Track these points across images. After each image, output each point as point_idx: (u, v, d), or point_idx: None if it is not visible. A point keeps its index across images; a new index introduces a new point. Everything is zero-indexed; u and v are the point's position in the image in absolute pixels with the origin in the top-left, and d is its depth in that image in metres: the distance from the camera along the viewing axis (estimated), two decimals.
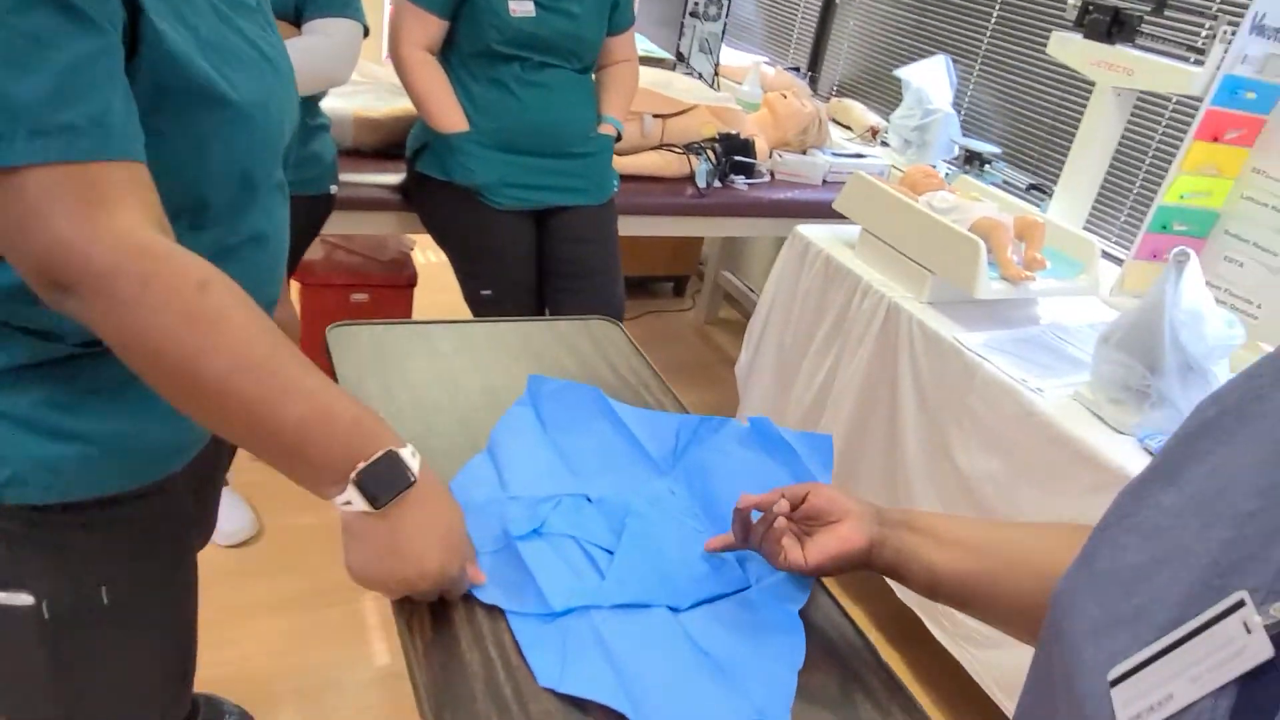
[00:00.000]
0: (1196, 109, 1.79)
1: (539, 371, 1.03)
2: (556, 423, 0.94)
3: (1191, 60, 1.86)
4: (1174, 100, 2.09)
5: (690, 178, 2.30)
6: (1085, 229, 2.09)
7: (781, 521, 0.73)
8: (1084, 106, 2.23)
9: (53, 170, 0.59)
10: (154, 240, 0.63)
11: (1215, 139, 1.80)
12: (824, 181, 2.48)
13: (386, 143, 2.09)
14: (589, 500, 0.84)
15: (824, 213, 2.27)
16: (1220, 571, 0.40)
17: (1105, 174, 2.09)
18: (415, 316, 2.43)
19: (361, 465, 0.64)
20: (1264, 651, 0.37)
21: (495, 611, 0.71)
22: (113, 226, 0.61)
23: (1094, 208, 2.15)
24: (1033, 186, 2.25)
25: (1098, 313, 1.94)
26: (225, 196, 0.77)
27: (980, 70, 2.58)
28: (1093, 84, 2.02)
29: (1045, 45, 2.23)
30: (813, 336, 2.06)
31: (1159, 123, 2.13)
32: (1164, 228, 1.88)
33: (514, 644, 0.68)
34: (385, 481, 0.65)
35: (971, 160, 2.36)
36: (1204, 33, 2.00)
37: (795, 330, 2.12)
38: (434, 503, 0.68)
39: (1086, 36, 1.97)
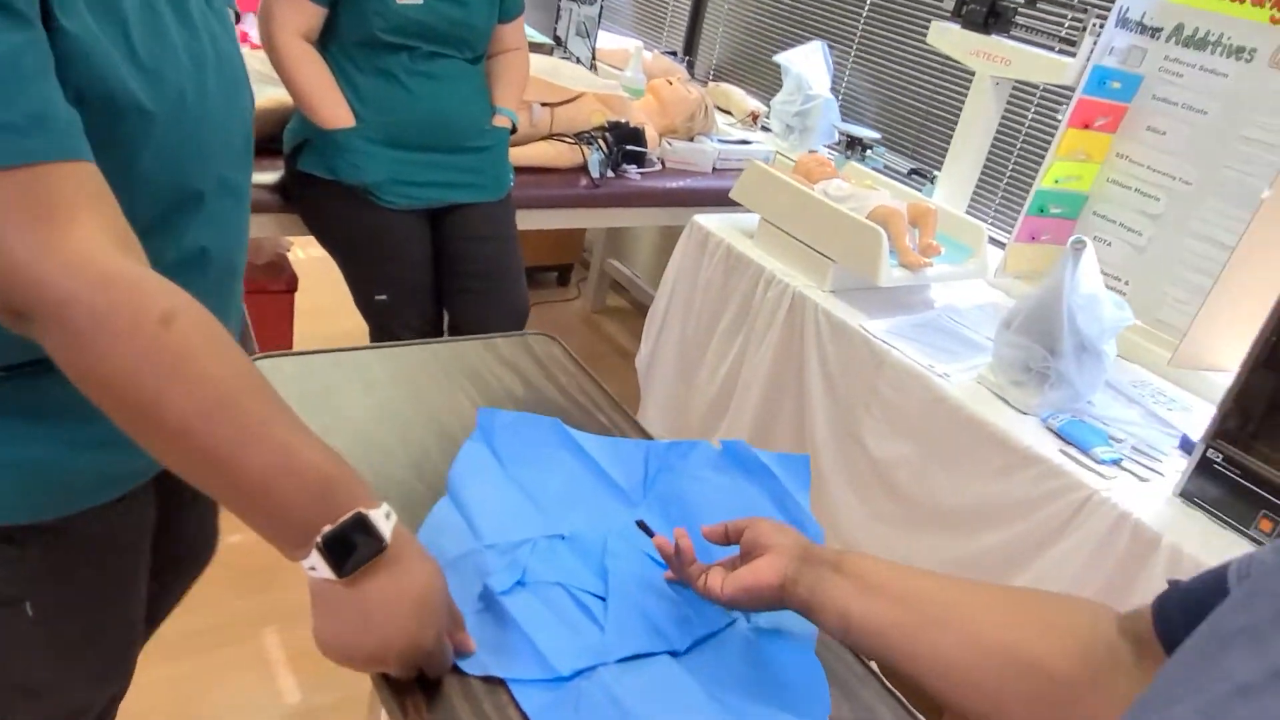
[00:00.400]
0: (1064, 96, 1.89)
1: (483, 398, 0.97)
2: (515, 458, 0.88)
3: (1058, 49, 1.96)
4: (1041, 87, 2.20)
5: (583, 168, 2.25)
6: (968, 213, 2.17)
7: (687, 544, 0.72)
8: (957, 92, 2.32)
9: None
10: (115, 265, 0.58)
11: (1085, 126, 1.91)
12: (714, 169, 2.47)
13: (258, 136, 1.92)
14: (563, 539, 0.79)
15: (716, 200, 2.27)
16: None
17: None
18: (297, 321, 2.27)
19: (327, 529, 0.59)
20: None
21: (494, 682, 0.65)
22: (68, 246, 0.56)
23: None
24: (914, 171, 2.33)
25: (984, 295, 2.03)
26: (157, 210, 0.69)
27: (856, 56, 2.64)
28: (965, 71, 2.10)
29: (918, 32, 2.29)
30: (715, 327, 2.07)
31: (1028, 109, 2.23)
32: (1041, 211, 1.98)
33: (522, 717, 0.63)
34: (351, 547, 0.59)
35: (853, 145, 2.41)
36: (1067, 23, 2.11)
37: (697, 321, 2.12)
38: (407, 571, 0.62)
39: (964, 26, 2.04)
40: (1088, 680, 0.54)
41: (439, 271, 1.89)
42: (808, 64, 2.61)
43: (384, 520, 0.61)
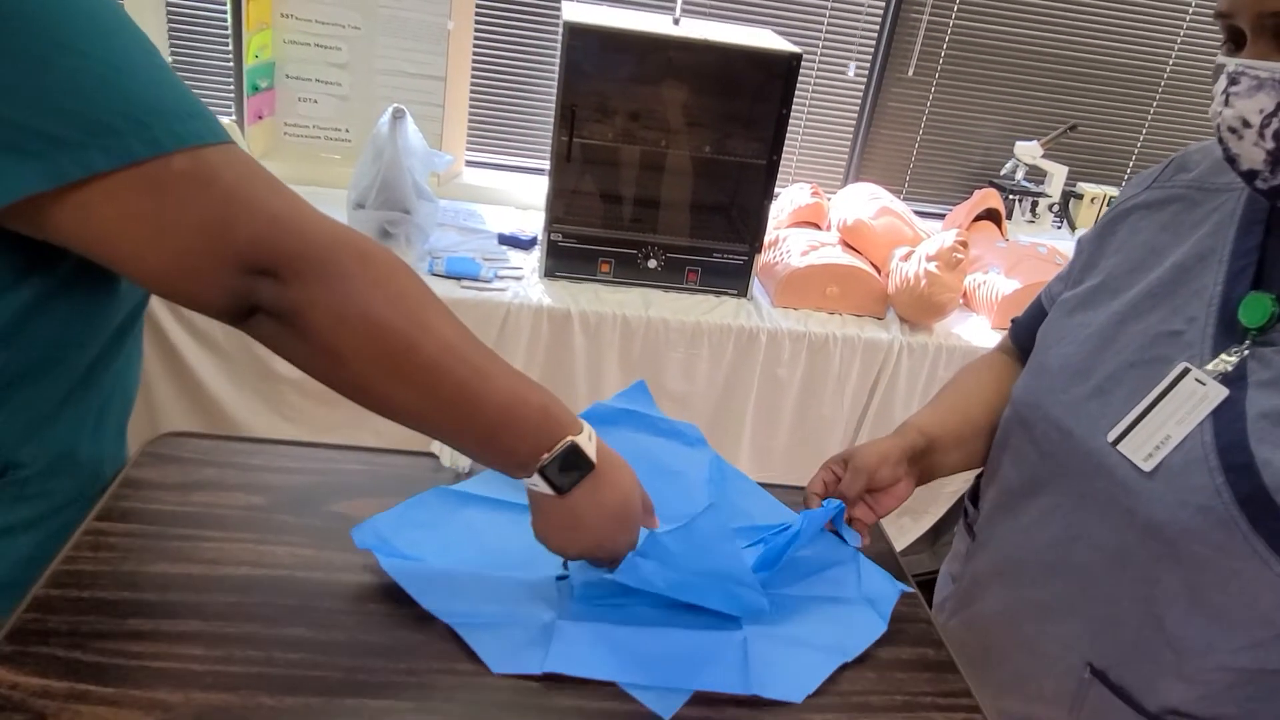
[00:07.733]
0: None
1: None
2: (430, 548, 0.77)
3: None
4: None
5: None
6: None
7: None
8: None
9: (226, 152, 0.58)
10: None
11: None
12: None
13: None
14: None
15: None
16: (1147, 353, 0.61)
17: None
18: None
19: (545, 457, 0.66)
20: (1222, 392, 0.55)
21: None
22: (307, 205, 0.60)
23: None
24: None
25: None
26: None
27: None
28: None
29: None
30: None
31: None
32: (256, 89, 1.97)
33: None
34: (567, 471, 0.67)
35: None
36: None
37: None
38: (610, 484, 0.70)
39: None
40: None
41: None
42: None
43: (588, 443, 0.68)
